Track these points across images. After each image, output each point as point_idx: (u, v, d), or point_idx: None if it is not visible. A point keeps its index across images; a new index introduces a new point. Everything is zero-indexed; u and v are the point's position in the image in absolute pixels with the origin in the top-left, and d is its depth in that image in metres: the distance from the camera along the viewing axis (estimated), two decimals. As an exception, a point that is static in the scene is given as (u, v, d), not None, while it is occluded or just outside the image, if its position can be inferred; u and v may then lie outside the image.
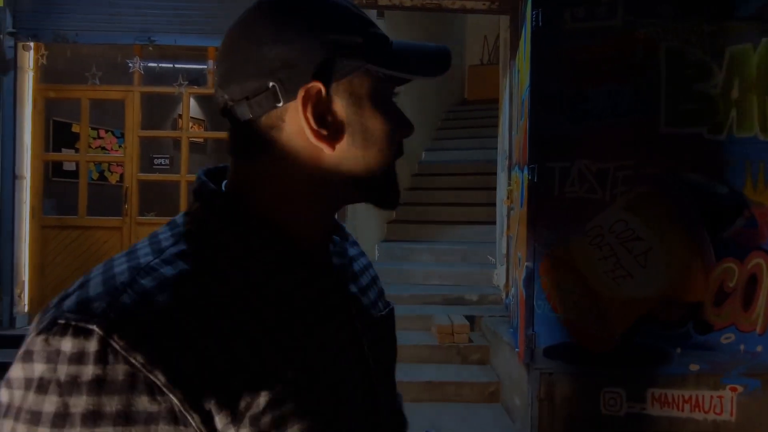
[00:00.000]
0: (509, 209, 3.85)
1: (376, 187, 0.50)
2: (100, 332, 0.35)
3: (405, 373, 3.30)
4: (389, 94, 0.51)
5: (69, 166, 4.91)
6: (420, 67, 0.51)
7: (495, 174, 4.66)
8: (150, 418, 0.36)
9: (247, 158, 0.47)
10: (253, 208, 0.46)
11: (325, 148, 0.45)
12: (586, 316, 2.53)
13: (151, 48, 4.03)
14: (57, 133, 4.81)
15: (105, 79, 4.17)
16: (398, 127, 0.51)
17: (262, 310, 0.43)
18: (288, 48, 0.44)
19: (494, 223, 4.67)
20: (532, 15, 2.59)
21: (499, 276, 4.33)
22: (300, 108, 0.44)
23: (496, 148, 4.67)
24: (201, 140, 6.83)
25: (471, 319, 3.74)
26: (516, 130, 3.55)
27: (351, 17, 0.48)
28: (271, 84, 0.44)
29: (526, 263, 2.63)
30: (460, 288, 4.32)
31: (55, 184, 4.76)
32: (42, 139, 4.20)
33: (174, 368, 0.36)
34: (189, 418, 0.37)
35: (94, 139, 4.79)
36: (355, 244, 0.63)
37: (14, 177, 3.95)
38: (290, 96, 0.44)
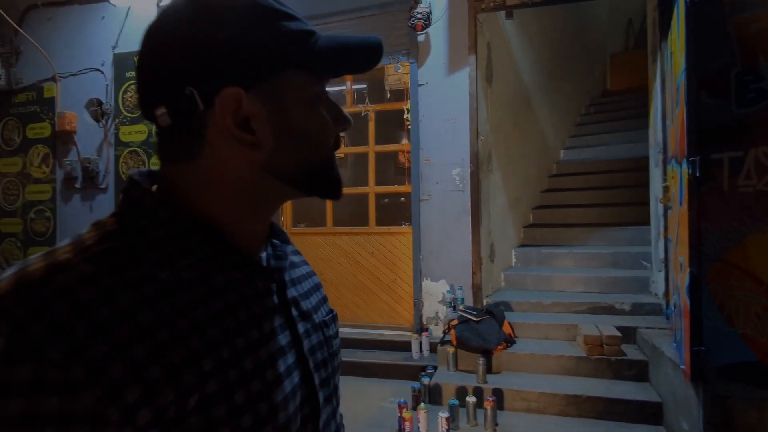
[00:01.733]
0: (666, 208, 3.43)
1: (314, 181, 0.50)
2: (7, 329, 0.34)
3: (549, 384, 3.15)
4: (319, 91, 0.49)
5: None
6: (346, 64, 0.50)
7: (646, 170, 4.19)
8: (63, 420, 0.33)
9: (175, 161, 0.47)
10: (186, 209, 0.46)
11: (252, 152, 0.45)
12: (773, 332, 2.14)
13: (298, 77, 4.53)
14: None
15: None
16: (333, 121, 0.50)
17: (191, 306, 0.42)
18: (203, 52, 0.43)
19: (647, 224, 4.20)
20: (685, -11, 2.31)
21: (657, 283, 3.87)
22: (219, 113, 0.44)
23: (647, 142, 4.20)
24: (342, 155, 7.40)
25: (624, 330, 3.40)
26: (671, 119, 3.16)
27: (269, 16, 0.46)
28: (188, 90, 0.43)
29: (689, 269, 2.32)
30: (610, 296, 3.95)
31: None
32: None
33: (91, 363, 0.35)
34: (110, 416, 0.34)
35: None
36: (297, 252, 0.63)
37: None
38: (209, 101, 0.43)
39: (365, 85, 4.59)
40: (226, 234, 0.47)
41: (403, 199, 4.31)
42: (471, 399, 2.94)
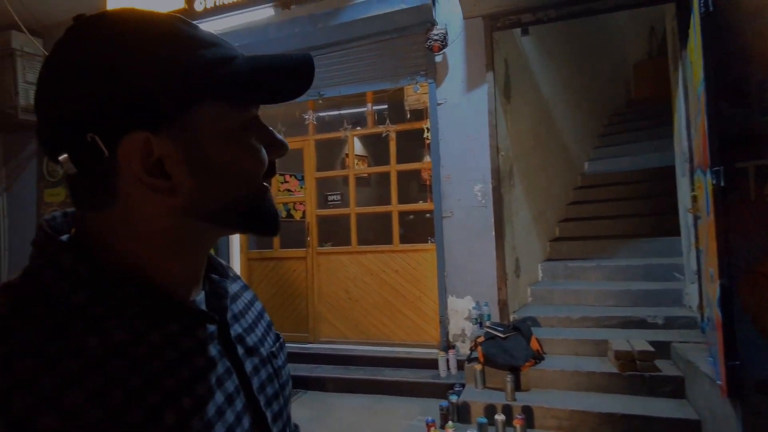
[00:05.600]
0: (695, 218, 3.35)
1: (243, 218, 0.46)
2: None
3: (581, 402, 3.08)
4: (244, 119, 0.45)
5: (264, 208, 5.90)
6: (272, 89, 0.46)
7: (675, 179, 4.11)
8: None
9: (91, 209, 0.43)
10: (108, 259, 0.42)
11: (168, 197, 0.41)
12: (813, 345, 2.06)
13: (320, 101, 4.67)
14: (255, 182, 5.84)
15: (288, 132, 4.96)
16: (266, 148, 0.47)
17: (126, 374, 0.38)
18: (102, 95, 0.39)
19: (679, 234, 4.09)
20: None
21: (690, 295, 3.76)
22: (124, 161, 0.40)
23: (674, 150, 4.12)
24: (366, 175, 7.52)
25: (657, 344, 3.31)
26: (695, 128, 3.11)
27: (176, 47, 0.42)
28: (89, 136, 0.39)
29: (719, 281, 2.27)
30: (641, 309, 3.85)
31: (256, 224, 5.76)
32: (245, 188, 5.15)
33: None
34: None
35: (282, 183, 5.66)
36: (236, 279, 0.59)
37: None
38: (113, 147, 0.39)
39: (386, 106, 4.69)
40: (155, 283, 0.43)
41: (428, 215, 4.35)
42: (500, 417, 2.91)
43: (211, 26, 4.13)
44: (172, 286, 0.45)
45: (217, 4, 3.77)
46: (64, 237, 0.44)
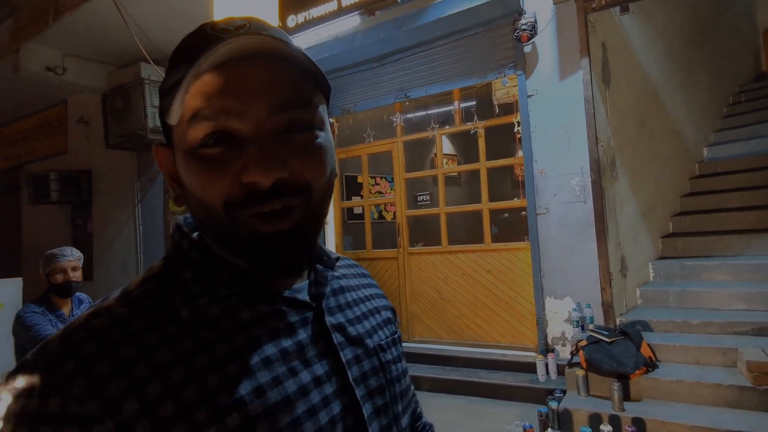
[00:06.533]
0: None
1: (227, 247, 0.46)
2: (44, 367, 0.38)
3: (705, 417, 2.76)
4: (196, 138, 0.43)
5: (357, 210, 6.11)
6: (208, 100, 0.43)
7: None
8: None
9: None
10: (217, 250, 0.48)
11: (181, 207, 0.46)
12: None
13: (407, 102, 4.72)
14: (347, 185, 6.09)
15: (376, 135, 5.08)
16: (240, 171, 0.43)
17: (212, 343, 0.43)
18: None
19: (829, 227, 3.47)
20: None
21: None
22: (160, 167, 0.50)
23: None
24: (455, 174, 7.43)
25: (802, 356, 2.84)
26: None
27: (177, 57, 0.47)
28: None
29: None
30: (780, 315, 3.34)
31: (349, 225, 5.98)
32: (339, 191, 5.37)
33: (107, 399, 0.37)
34: None
35: (373, 185, 5.81)
36: (363, 275, 0.63)
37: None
38: None
39: (473, 103, 4.60)
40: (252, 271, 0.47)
41: (524, 212, 4.18)
42: (606, 428, 2.70)
43: (302, 40, 4.38)
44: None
45: (307, 18, 3.98)
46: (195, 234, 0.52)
